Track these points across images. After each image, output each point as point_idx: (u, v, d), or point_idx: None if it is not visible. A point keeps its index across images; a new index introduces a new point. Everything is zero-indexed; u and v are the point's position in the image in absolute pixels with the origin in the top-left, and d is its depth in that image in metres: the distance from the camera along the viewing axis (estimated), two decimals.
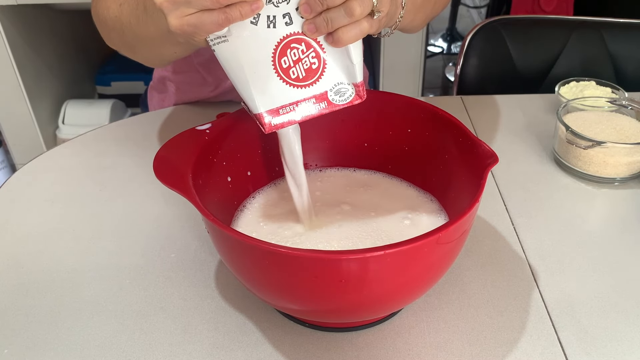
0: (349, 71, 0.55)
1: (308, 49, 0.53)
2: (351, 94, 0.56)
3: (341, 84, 0.55)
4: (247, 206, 0.66)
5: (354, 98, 0.56)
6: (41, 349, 0.58)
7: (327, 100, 0.55)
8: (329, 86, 0.55)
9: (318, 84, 0.55)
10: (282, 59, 0.53)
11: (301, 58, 0.53)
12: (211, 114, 0.95)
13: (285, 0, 0.51)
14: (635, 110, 0.86)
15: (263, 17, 0.52)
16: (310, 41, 0.53)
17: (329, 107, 0.55)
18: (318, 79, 0.54)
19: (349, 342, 0.59)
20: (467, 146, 0.59)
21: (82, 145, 0.90)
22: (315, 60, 0.54)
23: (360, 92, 0.56)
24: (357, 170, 0.72)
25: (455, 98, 1.03)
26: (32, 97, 1.81)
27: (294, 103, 0.55)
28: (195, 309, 0.62)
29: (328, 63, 0.54)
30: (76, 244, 0.71)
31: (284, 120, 0.55)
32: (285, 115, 0.55)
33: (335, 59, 0.54)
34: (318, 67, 0.54)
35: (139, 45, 0.70)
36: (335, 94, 0.55)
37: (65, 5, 1.87)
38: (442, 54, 3.00)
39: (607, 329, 0.60)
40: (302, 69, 0.54)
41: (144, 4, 0.64)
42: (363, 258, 0.46)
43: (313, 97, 0.55)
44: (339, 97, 0.55)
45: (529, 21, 1.28)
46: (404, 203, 0.66)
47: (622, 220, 0.75)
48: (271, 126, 0.55)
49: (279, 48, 0.53)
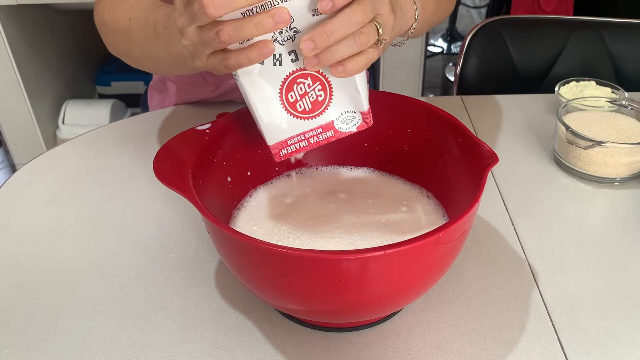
0: (355, 100, 0.56)
1: (314, 83, 0.55)
2: (358, 121, 0.57)
3: (348, 112, 0.57)
4: (246, 206, 0.66)
5: (360, 125, 0.57)
6: (41, 349, 0.58)
7: (334, 129, 0.57)
8: (335, 115, 0.57)
9: (325, 114, 0.56)
10: (289, 94, 0.55)
11: (307, 92, 0.55)
12: (211, 114, 0.95)
13: (291, 38, 0.52)
14: (635, 110, 0.86)
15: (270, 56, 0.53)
16: (316, 74, 0.54)
17: (336, 135, 0.57)
18: (324, 109, 0.56)
19: (349, 342, 0.59)
20: (467, 146, 0.59)
21: (82, 145, 0.90)
22: (321, 92, 0.55)
23: (367, 119, 0.57)
24: (354, 168, 0.72)
25: (455, 98, 1.03)
26: (32, 97, 1.81)
27: (301, 134, 0.57)
28: (195, 309, 0.62)
29: (334, 94, 0.56)
30: (76, 244, 0.71)
31: (292, 150, 0.58)
32: (294, 145, 0.58)
33: (342, 89, 0.55)
34: (324, 99, 0.56)
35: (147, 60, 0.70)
36: (342, 122, 0.57)
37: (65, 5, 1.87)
38: (442, 54, 3.00)
39: (607, 329, 0.60)
40: (308, 102, 0.56)
41: (154, 23, 0.63)
42: (363, 258, 0.46)
43: (320, 126, 0.57)
44: (346, 125, 0.57)
45: (529, 21, 1.28)
46: (401, 194, 0.67)
47: (622, 220, 0.75)
48: (280, 156, 0.58)
49: (285, 84, 0.55)
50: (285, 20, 0.49)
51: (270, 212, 0.65)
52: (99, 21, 0.75)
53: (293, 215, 0.64)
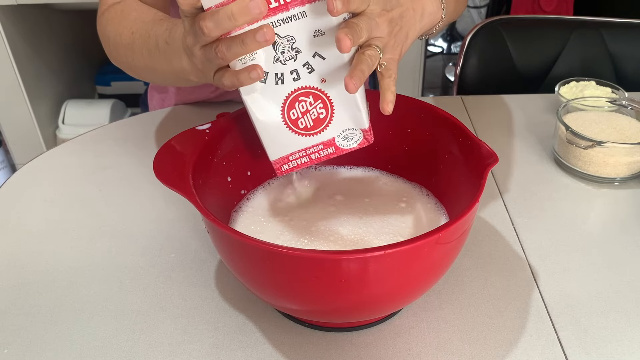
0: (356, 118, 0.57)
1: (316, 101, 0.56)
2: (359, 138, 0.58)
3: (349, 129, 0.58)
4: (246, 206, 0.66)
5: (361, 142, 0.58)
6: (41, 349, 0.58)
7: (335, 145, 0.58)
8: (336, 132, 0.58)
9: (326, 131, 0.57)
10: (291, 112, 0.56)
11: (309, 110, 0.56)
12: (211, 114, 0.95)
13: (293, 58, 0.53)
14: (635, 110, 0.86)
15: (271, 75, 0.54)
16: (318, 93, 0.55)
17: (337, 152, 0.59)
18: (326, 127, 0.57)
19: (349, 342, 0.59)
20: (467, 146, 0.59)
21: (82, 145, 0.90)
22: (323, 110, 0.56)
23: (368, 137, 0.58)
24: (354, 168, 0.72)
25: (455, 98, 1.03)
26: (32, 97, 1.81)
27: (302, 150, 0.58)
28: (195, 309, 0.62)
29: (336, 112, 0.56)
30: (76, 244, 0.71)
31: (294, 165, 0.59)
32: (295, 161, 0.59)
33: (343, 108, 0.56)
34: (326, 116, 0.57)
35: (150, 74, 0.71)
36: (343, 139, 0.58)
37: (65, 5, 1.87)
38: (442, 54, 3.00)
39: (607, 329, 0.60)
40: (310, 119, 0.57)
41: (155, 39, 0.64)
42: (363, 258, 0.46)
43: (321, 143, 0.58)
44: (347, 142, 0.58)
45: (529, 21, 1.28)
46: (401, 192, 0.67)
47: (622, 220, 0.75)
48: (282, 171, 0.60)
49: (287, 102, 0.56)
50: (269, 39, 0.50)
51: (270, 212, 0.65)
52: (102, 34, 0.76)
53: (293, 215, 0.64)
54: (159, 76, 0.70)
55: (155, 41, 0.64)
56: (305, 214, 0.64)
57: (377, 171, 0.71)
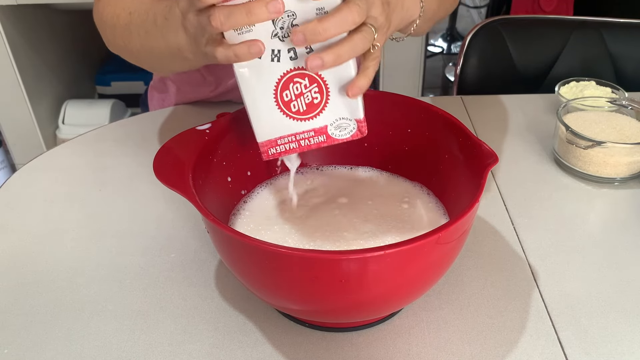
0: (351, 107, 0.55)
1: (311, 84, 0.54)
2: (352, 129, 0.56)
3: (343, 119, 0.56)
4: (247, 206, 0.66)
5: (354, 134, 0.56)
6: (41, 349, 0.58)
7: (327, 134, 0.56)
8: (329, 121, 0.56)
9: (319, 118, 0.55)
10: (284, 92, 0.54)
11: (303, 92, 0.54)
12: (211, 114, 0.95)
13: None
14: (635, 110, 0.86)
15: (268, 51, 0.52)
16: (314, 76, 0.53)
17: (328, 141, 0.56)
18: (319, 113, 0.55)
19: (349, 342, 0.59)
20: (467, 146, 0.59)
21: (82, 145, 0.90)
22: (317, 95, 0.54)
23: (362, 128, 0.56)
24: (354, 168, 0.72)
25: (455, 98, 1.03)
26: (32, 97, 1.81)
27: (292, 135, 0.56)
28: (195, 309, 0.62)
29: (331, 98, 0.54)
30: (76, 244, 0.71)
31: (281, 150, 0.57)
32: (284, 146, 0.57)
33: (339, 94, 0.54)
34: (320, 101, 0.55)
35: (146, 55, 0.70)
36: (336, 128, 0.56)
37: (65, 5, 1.87)
38: (442, 54, 3.00)
39: (607, 329, 0.60)
40: (303, 103, 0.55)
41: (154, 16, 0.64)
42: (363, 258, 0.46)
43: (312, 129, 0.56)
44: (339, 132, 0.56)
45: (529, 21, 1.28)
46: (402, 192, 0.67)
47: (622, 220, 0.75)
48: (268, 155, 0.57)
49: (281, 82, 0.54)
50: (279, 11, 0.48)
51: (270, 212, 0.65)
52: (99, 19, 0.76)
53: (293, 215, 0.64)
54: (155, 57, 0.69)
55: (154, 18, 0.63)
56: (305, 213, 0.64)
57: (377, 171, 0.71)
